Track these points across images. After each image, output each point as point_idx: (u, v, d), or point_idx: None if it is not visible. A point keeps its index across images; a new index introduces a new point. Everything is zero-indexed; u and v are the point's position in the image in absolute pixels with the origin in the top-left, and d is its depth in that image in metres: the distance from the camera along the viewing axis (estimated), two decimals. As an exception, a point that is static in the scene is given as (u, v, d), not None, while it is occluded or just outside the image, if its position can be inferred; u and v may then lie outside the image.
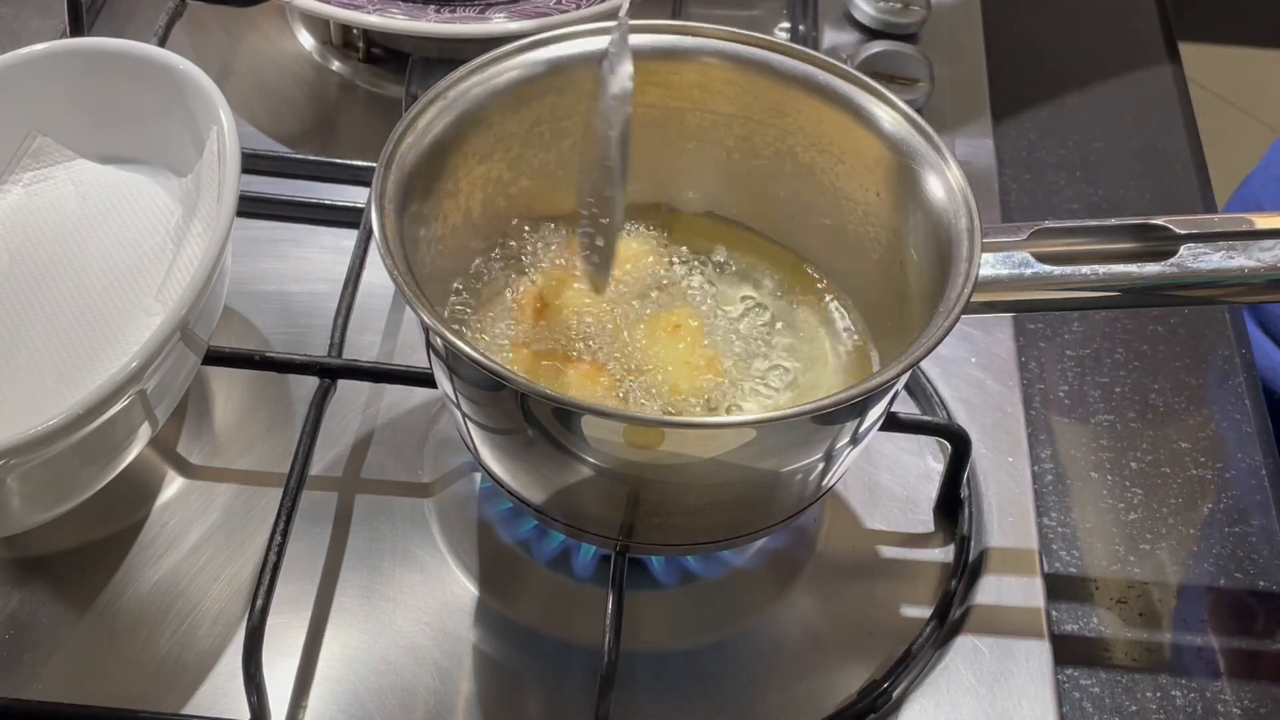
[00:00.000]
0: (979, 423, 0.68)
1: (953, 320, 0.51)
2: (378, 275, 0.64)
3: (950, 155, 0.57)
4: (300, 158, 0.78)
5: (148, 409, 0.57)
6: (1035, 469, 0.67)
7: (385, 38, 0.85)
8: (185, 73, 0.64)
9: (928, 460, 0.67)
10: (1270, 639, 0.63)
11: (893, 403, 0.57)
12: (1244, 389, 0.73)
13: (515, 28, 0.77)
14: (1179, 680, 0.61)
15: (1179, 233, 0.57)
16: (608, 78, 0.57)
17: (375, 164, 0.55)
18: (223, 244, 0.57)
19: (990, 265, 0.56)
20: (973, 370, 0.70)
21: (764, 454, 0.53)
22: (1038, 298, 0.57)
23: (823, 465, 0.55)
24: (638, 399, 0.58)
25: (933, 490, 0.66)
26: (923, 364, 0.62)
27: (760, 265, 0.65)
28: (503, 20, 0.79)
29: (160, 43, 0.79)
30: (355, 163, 0.77)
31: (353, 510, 0.63)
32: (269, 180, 0.76)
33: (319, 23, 0.87)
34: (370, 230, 0.54)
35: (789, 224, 0.65)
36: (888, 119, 0.59)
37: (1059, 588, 0.64)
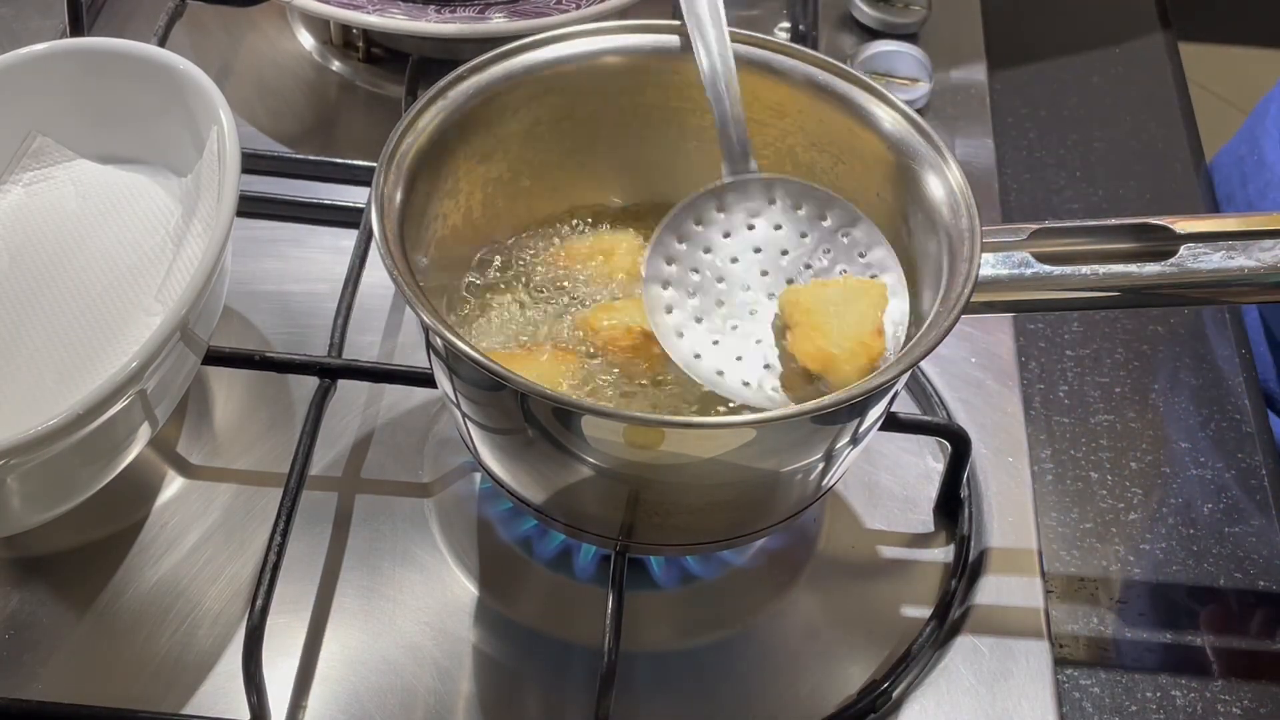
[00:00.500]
0: (979, 423, 0.68)
1: (953, 320, 0.51)
2: (378, 275, 0.64)
3: (950, 155, 0.57)
4: (300, 158, 0.78)
5: (148, 409, 0.57)
6: (1035, 469, 0.67)
7: (385, 38, 0.85)
8: (185, 73, 0.64)
9: (928, 460, 0.67)
10: (1270, 639, 0.63)
11: (893, 403, 0.57)
12: (1244, 389, 0.73)
13: (515, 28, 0.77)
14: (1179, 680, 0.61)
15: (1179, 233, 0.57)
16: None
17: (375, 164, 0.55)
18: (223, 244, 0.57)
19: (990, 265, 0.56)
20: (973, 370, 0.70)
21: (764, 454, 0.53)
22: (1038, 298, 0.57)
23: (823, 465, 0.55)
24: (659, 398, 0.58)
25: (933, 490, 0.66)
26: (922, 364, 0.62)
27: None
28: (503, 20, 0.79)
29: (160, 43, 0.79)
30: (355, 163, 0.77)
31: (353, 510, 0.63)
32: (269, 180, 0.76)
33: (319, 23, 0.87)
34: (370, 230, 0.54)
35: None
36: (888, 119, 0.59)
37: (1059, 588, 0.64)
